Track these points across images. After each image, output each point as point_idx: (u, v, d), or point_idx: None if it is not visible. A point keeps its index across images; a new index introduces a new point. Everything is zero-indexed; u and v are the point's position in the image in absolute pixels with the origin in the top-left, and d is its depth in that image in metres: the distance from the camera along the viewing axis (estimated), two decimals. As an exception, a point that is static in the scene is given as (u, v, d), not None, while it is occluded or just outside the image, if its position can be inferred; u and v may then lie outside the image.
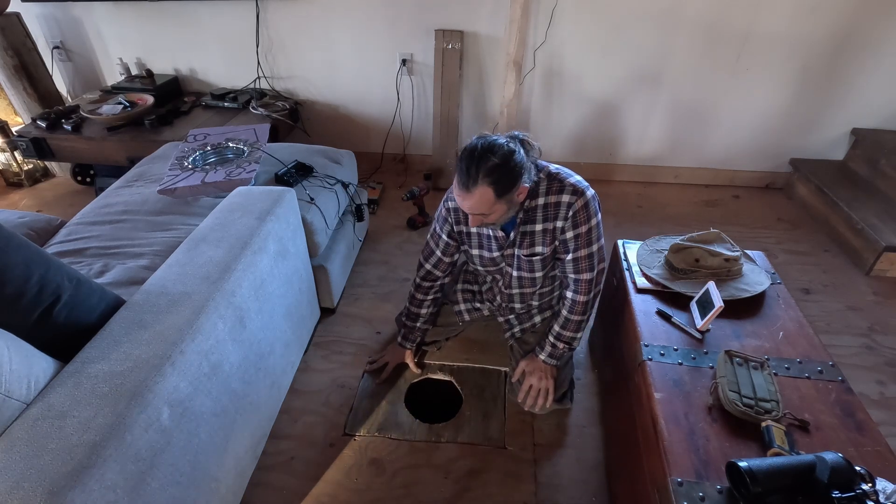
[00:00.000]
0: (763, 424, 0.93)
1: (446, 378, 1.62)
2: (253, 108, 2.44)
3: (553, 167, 1.24)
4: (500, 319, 1.56)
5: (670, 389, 1.04)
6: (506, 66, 2.35)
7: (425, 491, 1.31)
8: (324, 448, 1.41)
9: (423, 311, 1.54)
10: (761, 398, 0.97)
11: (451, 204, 1.36)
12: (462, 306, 1.59)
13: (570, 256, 1.27)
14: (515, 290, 1.42)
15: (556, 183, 1.21)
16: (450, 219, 1.37)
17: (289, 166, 1.72)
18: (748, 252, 1.41)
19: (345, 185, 1.83)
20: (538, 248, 1.28)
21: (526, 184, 1.15)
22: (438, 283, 1.51)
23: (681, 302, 1.27)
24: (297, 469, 1.36)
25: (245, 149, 1.73)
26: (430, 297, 1.53)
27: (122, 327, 0.94)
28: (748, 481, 0.77)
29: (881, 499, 0.77)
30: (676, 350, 1.13)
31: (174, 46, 2.63)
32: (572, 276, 1.30)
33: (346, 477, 1.34)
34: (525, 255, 1.31)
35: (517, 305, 1.47)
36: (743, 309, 1.23)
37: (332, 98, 2.68)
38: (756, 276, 1.32)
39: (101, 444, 0.75)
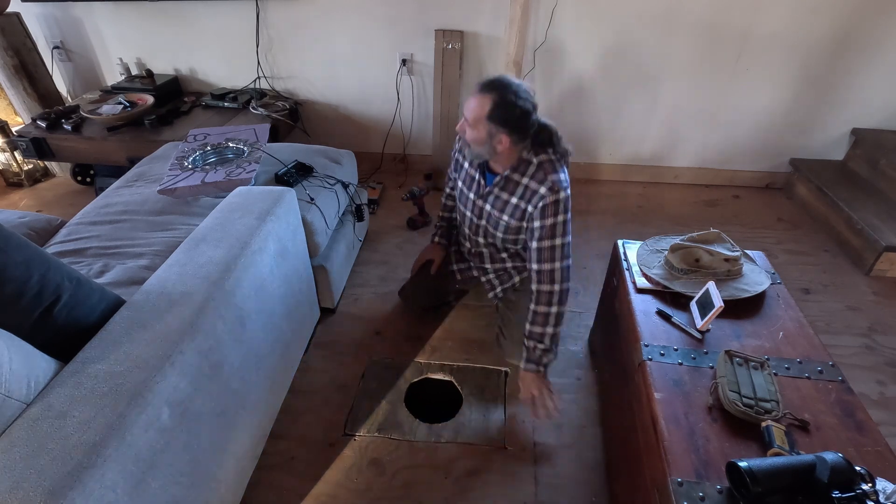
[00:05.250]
0: (763, 424, 0.93)
1: (446, 378, 1.62)
2: (253, 108, 2.44)
3: (548, 156, 1.35)
4: (483, 280, 1.66)
5: (670, 389, 1.04)
6: (506, 66, 2.34)
7: (425, 491, 1.31)
8: (324, 448, 1.41)
9: (444, 213, 1.76)
10: (761, 398, 0.97)
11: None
12: (454, 266, 1.73)
13: (535, 245, 1.36)
14: (482, 239, 1.56)
15: (540, 173, 1.33)
16: (456, 145, 1.56)
17: (289, 166, 1.72)
18: (748, 252, 1.41)
19: (345, 185, 1.83)
20: (505, 217, 1.42)
21: (512, 140, 1.27)
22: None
23: (681, 302, 1.27)
24: (297, 469, 1.36)
25: (245, 149, 1.73)
26: (452, 207, 1.74)
27: (122, 327, 0.94)
28: (748, 481, 0.77)
29: (881, 499, 0.77)
30: (676, 350, 1.13)
31: (174, 46, 2.63)
32: (535, 266, 1.37)
33: (346, 477, 1.34)
34: (495, 215, 1.44)
35: (484, 251, 1.60)
36: (743, 309, 1.23)
37: (332, 98, 2.68)
38: (756, 276, 1.32)
39: (101, 444, 0.75)
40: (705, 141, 2.57)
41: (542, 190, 1.31)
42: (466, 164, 1.49)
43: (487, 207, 1.45)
